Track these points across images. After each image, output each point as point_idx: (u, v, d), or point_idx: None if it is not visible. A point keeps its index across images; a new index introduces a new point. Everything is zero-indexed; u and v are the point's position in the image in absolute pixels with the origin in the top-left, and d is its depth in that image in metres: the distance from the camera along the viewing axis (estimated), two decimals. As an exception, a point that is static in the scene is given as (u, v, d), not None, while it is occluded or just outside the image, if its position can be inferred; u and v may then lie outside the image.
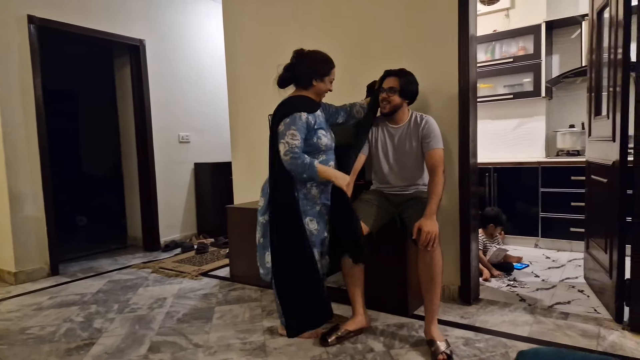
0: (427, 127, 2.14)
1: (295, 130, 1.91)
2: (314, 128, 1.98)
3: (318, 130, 2.00)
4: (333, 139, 2.12)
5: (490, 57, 3.95)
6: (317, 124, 2.01)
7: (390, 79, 2.15)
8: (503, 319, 2.24)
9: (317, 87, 2.04)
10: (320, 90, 2.07)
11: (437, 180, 2.04)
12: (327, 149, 2.05)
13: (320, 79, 2.02)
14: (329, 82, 2.07)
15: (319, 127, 2.01)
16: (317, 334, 2.10)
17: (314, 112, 2.03)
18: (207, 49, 4.64)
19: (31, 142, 3.32)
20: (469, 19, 2.34)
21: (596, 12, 2.53)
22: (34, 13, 3.31)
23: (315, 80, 2.02)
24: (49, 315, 2.57)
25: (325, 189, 2.10)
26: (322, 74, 2.02)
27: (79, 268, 3.64)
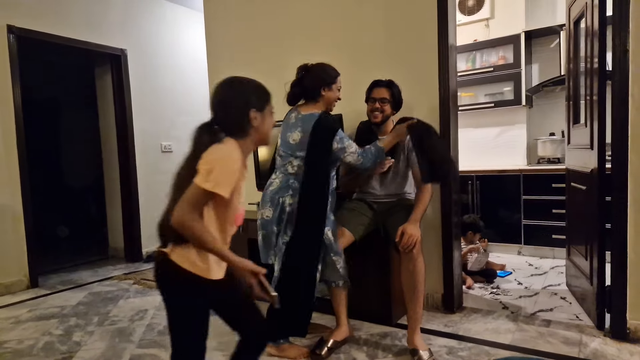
0: None
1: (346, 139, 2.00)
2: None
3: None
4: None
5: (471, 66, 4.01)
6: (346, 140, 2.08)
7: (381, 89, 2.18)
8: (486, 327, 2.25)
9: (326, 96, 2.04)
10: (330, 99, 2.07)
11: (425, 189, 2.06)
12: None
13: (329, 88, 2.03)
14: (337, 89, 2.07)
15: None
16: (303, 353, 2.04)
17: None
18: (188, 58, 4.62)
19: (10, 153, 3.26)
20: (448, 28, 2.38)
21: (573, 22, 2.59)
22: (14, 23, 3.27)
23: (324, 90, 2.03)
24: (27, 328, 2.51)
25: None
26: (330, 82, 2.03)
27: (59, 280, 3.56)
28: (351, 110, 2.60)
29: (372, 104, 2.20)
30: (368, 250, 2.28)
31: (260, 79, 3.13)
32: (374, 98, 2.19)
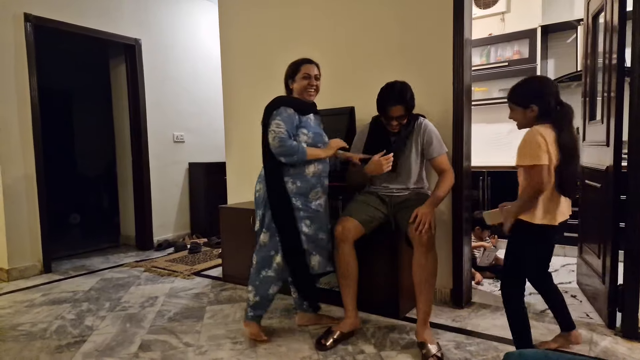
0: (427, 132, 2.16)
1: (280, 121, 2.01)
2: (298, 125, 2.07)
3: (301, 128, 2.07)
4: (320, 142, 2.12)
5: (486, 60, 3.96)
6: (303, 123, 2.08)
7: (397, 107, 2.07)
8: (495, 323, 2.24)
9: (294, 87, 2.14)
10: (299, 88, 2.13)
11: (447, 176, 2.11)
12: None
13: (293, 80, 2.14)
14: (301, 78, 2.11)
15: (303, 126, 2.08)
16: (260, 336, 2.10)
17: (302, 113, 2.10)
18: (202, 49, 4.64)
19: (26, 141, 3.31)
20: (464, 22, 2.35)
21: (591, 17, 2.55)
22: (31, 11, 3.30)
23: (290, 83, 2.15)
24: (41, 312, 2.56)
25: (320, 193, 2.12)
26: (292, 74, 2.14)
27: (71, 266, 3.63)
28: (364, 103, 2.60)
29: (389, 121, 2.13)
30: (378, 243, 2.28)
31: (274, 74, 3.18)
32: (390, 116, 2.10)
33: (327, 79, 2.86)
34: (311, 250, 2.09)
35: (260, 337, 2.10)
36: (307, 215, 2.07)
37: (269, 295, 2.10)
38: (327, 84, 2.86)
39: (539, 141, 1.62)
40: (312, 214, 2.08)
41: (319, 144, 2.10)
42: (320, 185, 2.12)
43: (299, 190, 2.06)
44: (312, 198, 2.09)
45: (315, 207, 2.10)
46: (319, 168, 2.10)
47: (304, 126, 2.07)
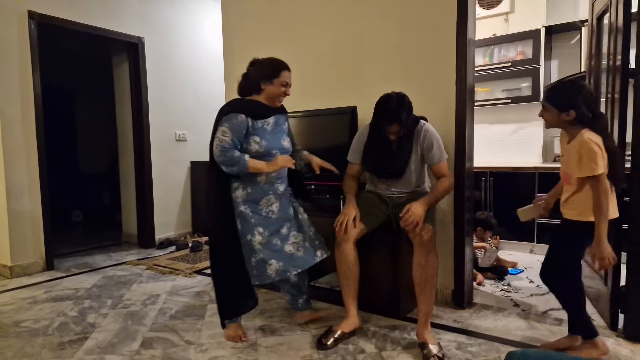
0: (427, 138, 2.10)
1: (226, 128, 1.94)
2: (250, 132, 1.99)
3: (253, 136, 1.99)
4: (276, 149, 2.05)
5: (489, 61, 3.95)
6: (256, 129, 2.00)
7: (393, 125, 2.02)
8: (496, 324, 2.24)
9: (267, 90, 2.04)
10: (272, 93, 2.04)
11: (444, 181, 2.09)
12: (258, 156, 2.00)
13: (269, 82, 2.02)
14: (279, 84, 2.03)
15: (256, 133, 2.00)
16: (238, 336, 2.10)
17: (260, 117, 2.01)
18: (204, 48, 4.64)
19: (29, 138, 3.32)
20: (467, 22, 2.34)
21: (596, 17, 2.54)
22: (34, 9, 3.31)
23: (264, 84, 2.03)
24: (43, 309, 2.57)
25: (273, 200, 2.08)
26: (270, 77, 2.02)
27: (73, 263, 3.64)
28: (366, 102, 2.59)
29: (386, 135, 2.08)
30: (379, 243, 2.28)
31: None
32: (388, 132, 2.05)
33: (329, 78, 2.88)
34: (267, 258, 2.00)
35: (240, 339, 2.08)
36: (258, 223, 2.03)
37: None
38: (329, 83, 2.88)
39: (596, 150, 1.66)
40: (264, 221, 2.04)
41: (273, 150, 2.03)
42: (274, 192, 2.07)
43: (249, 197, 2.03)
44: (263, 205, 2.05)
45: (265, 213, 2.05)
46: (271, 175, 2.05)
47: (257, 133, 1.99)
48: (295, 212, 2.19)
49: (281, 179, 2.11)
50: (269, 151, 2.02)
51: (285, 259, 2.04)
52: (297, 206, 2.23)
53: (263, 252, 2.01)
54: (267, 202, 2.06)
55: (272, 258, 2.01)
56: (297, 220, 2.18)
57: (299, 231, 2.14)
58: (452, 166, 2.43)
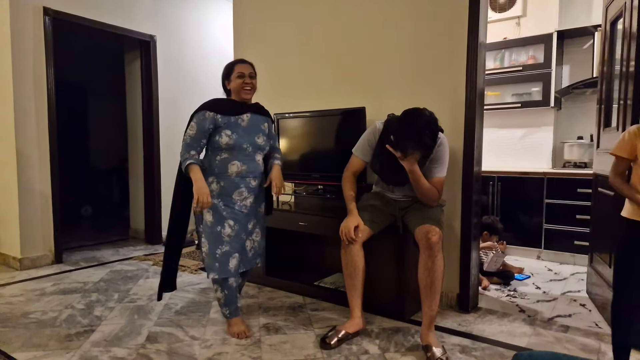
0: (439, 151, 2.07)
1: (194, 124, 2.09)
2: (221, 127, 2.09)
3: (224, 130, 2.08)
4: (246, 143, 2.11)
5: (499, 64, 3.93)
6: (227, 124, 2.09)
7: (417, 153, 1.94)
8: (501, 329, 2.23)
9: (231, 87, 2.18)
10: (235, 88, 2.16)
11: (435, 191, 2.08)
12: (229, 148, 2.08)
13: (228, 79, 2.18)
14: (236, 77, 2.14)
15: (228, 127, 2.08)
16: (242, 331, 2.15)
17: (231, 113, 2.11)
18: (215, 46, 4.67)
19: (42, 133, 3.37)
20: (479, 25, 2.34)
21: (609, 23, 2.52)
22: (50, 5, 3.36)
23: (227, 83, 2.20)
24: (51, 301, 2.60)
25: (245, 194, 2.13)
26: (228, 74, 2.19)
27: (82, 257, 3.68)
28: (375, 104, 2.60)
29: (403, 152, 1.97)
30: (384, 245, 2.28)
31: (286, 73, 3.22)
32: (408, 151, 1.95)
33: (339, 79, 2.89)
34: (232, 251, 2.08)
35: (245, 334, 2.12)
36: (230, 216, 2.08)
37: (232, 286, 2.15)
38: (338, 83, 2.89)
39: (624, 135, 1.67)
40: (235, 215, 2.09)
41: (244, 144, 2.10)
42: (245, 185, 2.11)
43: (222, 191, 2.09)
44: (237, 199, 2.10)
45: (238, 207, 2.11)
46: (242, 169, 2.10)
47: (228, 127, 2.08)
48: (263, 213, 2.28)
49: (253, 173, 2.15)
50: (239, 144, 2.09)
51: (244, 255, 2.17)
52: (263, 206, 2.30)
53: (230, 244, 2.09)
54: (239, 195, 2.11)
55: (236, 251, 2.11)
56: (264, 220, 2.28)
57: (261, 231, 2.25)
58: (460, 169, 2.43)
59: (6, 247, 3.43)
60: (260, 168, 2.18)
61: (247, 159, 2.12)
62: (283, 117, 2.93)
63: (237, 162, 2.09)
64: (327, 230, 2.55)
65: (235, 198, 2.10)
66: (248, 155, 2.12)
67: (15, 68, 3.20)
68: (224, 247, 2.07)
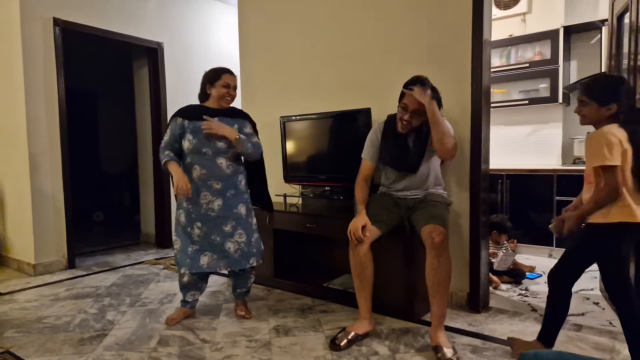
0: None
1: (168, 129, 2.26)
2: (186, 132, 2.20)
3: (187, 135, 2.20)
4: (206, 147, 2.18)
5: (505, 62, 3.91)
6: (192, 129, 2.19)
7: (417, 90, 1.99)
8: (512, 329, 2.21)
9: (212, 94, 2.24)
10: (216, 95, 2.23)
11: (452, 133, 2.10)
12: (191, 153, 2.20)
13: (212, 86, 2.24)
14: (221, 86, 2.22)
15: (191, 132, 2.19)
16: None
17: (198, 119, 2.19)
18: (221, 51, 4.71)
19: (53, 140, 3.43)
20: (483, 22, 2.33)
21: (616, 17, 2.49)
22: (59, 16, 3.42)
23: (209, 88, 2.26)
24: (65, 306, 2.64)
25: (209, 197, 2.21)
26: (213, 81, 2.24)
27: (94, 262, 3.73)
28: (381, 104, 2.60)
29: (402, 113, 2.09)
30: (393, 245, 2.28)
31: (292, 76, 3.22)
32: (405, 105, 2.06)
33: (343, 81, 2.90)
34: (204, 248, 2.23)
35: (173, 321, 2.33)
36: (198, 218, 2.22)
37: None
38: (343, 85, 2.90)
39: (613, 141, 1.56)
40: (203, 217, 2.22)
41: (203, 149, 2.17)
42: (208, 189, 2.20)
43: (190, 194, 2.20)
44: (202, 202, 2.21)
45: (204, 210, 2.21)
46: (202, 173, 2.19)
47: (191, 132, 2.18)
48: (247, 214, 2.31)
49: (215, 177, 2.20)
50: (199, 149, 2.18)
51: (221, 255, 2.25)
52: (250, 208, 2.35)
53: (200, 243, 2.24)
54: (204, 198, 2.21)
55: (207, 250, 2.24)
56: (247, 222, 2.30)
57: (245, 231, 2.27)
58: (467, 168, 2.42)
59: (20, 254, 3.49)
60: (226, 172, 2.22)
61: (208, 162, 2.19)
62: (289, 120, 2.94)
63: (197, 166, 2.20)
64: (335, 232, 2.56)
65: (201, 202, 2.21)
66: (208, 160, 2.20)
67: (27, 77, 3.27)
68: (195, 246, 2.24)
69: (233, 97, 2.28)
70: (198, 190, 2.20)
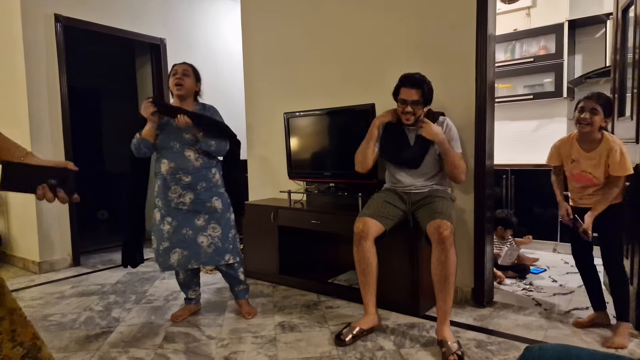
0: (447, 130, 2.19)
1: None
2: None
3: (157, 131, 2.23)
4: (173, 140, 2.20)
5: (510, 56, 3.89)
6: (160, 125, 2.22)
7: (412, 91, 2.08)
8: (517, 323, 2.21)
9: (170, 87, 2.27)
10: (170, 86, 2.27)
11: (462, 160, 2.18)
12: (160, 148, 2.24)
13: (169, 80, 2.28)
14: (172, 76, 2.24)
15: (159, 128, 2.22)
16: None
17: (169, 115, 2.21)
18: (224, 48, 4.70)
19: (56, 137, 3.44)
20: (487, 17, 2.31)
21: (621, 10, 2.47)
22: (61, 12, 3.41)
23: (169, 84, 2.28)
24: (70, 303, 2.66)
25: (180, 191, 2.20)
26: (168, 76, 2.28)
27: (99, 260, 3.75)
28: (384, 100, 2.59)
29: (403, 106, 2.13)
30: (397, 241, 2.28)
31: (295, 72, 3.22)
32: (404, 100, 2.11)
33: (348, 76, 2.89)
34: (172, 246, 2.20)
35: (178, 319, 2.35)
36: (167, 213, 2.22)
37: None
38: (347, 81, 2.89)
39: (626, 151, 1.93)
40: (172, 212, 2.21)
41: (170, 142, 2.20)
42: (177, 182, 2.19)
43: (160, 190, 2.24)
44: (172, 196, 2.20)
45: (175, 205, 2.21)
46: (171, 166, 2.19)
47: (160, 128, 2.21)
48: (224, 208, 2.27)
49: (184, 170, 2.19)
50: (166, 142, 2.21)
51: (192, 250, 2.21)
52: (228, 203, 2.32)
53: (170, 240, 2.21)
54: (174, 192, 2.20)
55: (177, 247, 2.21)
56: (222, 216, 2.27)
57: (220, 225, 2.25)
58: (471, 163, 2.41)
59: (26, 252, 3.50)
60: (194, 164, 2.21)
61: (175, 155, 2.20)
62: (293, 116, 2.94)
63: (165, 160, 2.21)
64: (340, 228, 2.56)
65: (171, 195, 2.21)
66: (176, 152, 2.20)
67: (29, 74, 3.27)
68: (165, 244, 2.22)
69: (182, 83, 2.22)
70: (168, 185, 2.20)
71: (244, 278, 2.41)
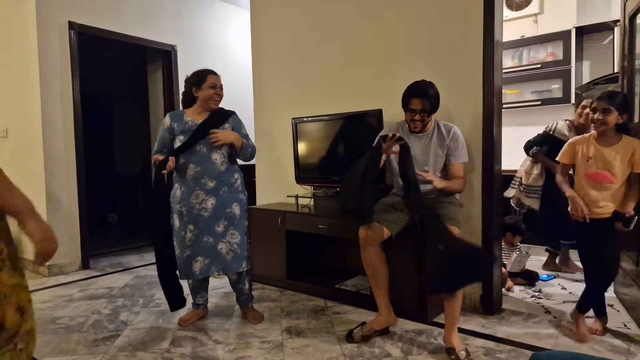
0: (454, 138, 2.21)
1: (159, 136, 2.29)
2: (176, 134, 2.22)
3: (178, 136, 2.22)
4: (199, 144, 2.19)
5: (518, 62, 3.89)
6: (182, 131, 2.21)
7: (419, 100, 2.12)
8: (526, 331, 2.19)
9: (200, 96, 2.23)
10: (204, 97, 2.22)
11: (459, 180, 2.19)
12: (184, 152, 2.20)
13: (199, 88, 2.23)
14: (208, 87, 2.21)
15: (181, 133, 2.21)
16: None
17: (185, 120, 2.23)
18: (233, 54, 4.75)
19: (68, 142, 3.48)
20: (494, 24, 2.32)
21: (628, 17, 2.47)
22: (75, 19, 3.48)
23: (195, 91, 2.24)
24: (79, 306, 2.68)
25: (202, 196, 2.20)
26: (199, 83, 2.23)
27: (108, 263, 3.78)
28: (392, 105, 2.60)
29: (411, 115, 2.16)
30: (404, 246, 2.28)
31: (304, 78, 3.24)
32: (413, 109, 2.14)
33: (356, 82, 2.91)
34: (194, 254, 2.19)
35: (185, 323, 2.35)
36: (190, 220, 2.20)
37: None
38: (356, 86, 2.90)
39: None
40: (194, 219, 2.19)
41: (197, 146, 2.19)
42: (201, 187, 2.19)
43: (183, 195, 2.21)
44: (194, 202, 2.19)
45: (197, 211, 2.19)
46: (197, 171, 2.19)
47: (182, 133, 2.20)
48: (241, 215, 2.28)
49: (209, 174, 2.20)
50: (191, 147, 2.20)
51: (213, 257, 2.21)
52: (245, 210, 2.32)
53: (192, 248, 2.20)
54: (196, 198, 2.20)
55: (199, 255, 2.20)
56: (240, 222, 2.28)
57: (238, 232, 2.25)
58: (479, 169, 2.41)
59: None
60: (220, 168, 2.22)
61: (202, 159, 2.20)
62: (301, 121, 2.96)
63: (192, 164, 2.20)
64: (347, 233, 2.55)
65: (193, 201, 2.20)
66: (203, 156, 2.20)
67: (43, 81, 3.33)
68: (187, 251, 2.20)
69: (221, 97, 2.27)
70: (191, 191, 2.20)
71: (249, 287, 2.41)
